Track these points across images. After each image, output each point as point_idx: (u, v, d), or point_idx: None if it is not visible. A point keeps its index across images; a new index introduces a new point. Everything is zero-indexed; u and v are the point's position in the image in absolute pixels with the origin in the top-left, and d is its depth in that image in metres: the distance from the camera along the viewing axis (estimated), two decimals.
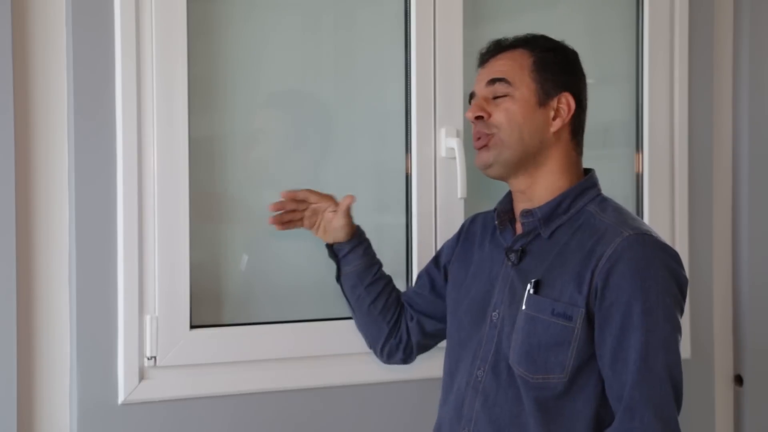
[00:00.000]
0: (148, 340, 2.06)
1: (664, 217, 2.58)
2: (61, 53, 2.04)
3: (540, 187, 1.86)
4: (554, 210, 1.84)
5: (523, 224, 1.87)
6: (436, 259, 2.15)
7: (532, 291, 1.80)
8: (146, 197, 2.06)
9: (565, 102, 1.85)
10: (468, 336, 1.93)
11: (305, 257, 2.30)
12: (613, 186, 2.57)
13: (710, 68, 2.68)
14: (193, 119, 2.11)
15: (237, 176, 2.21)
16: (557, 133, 1.85)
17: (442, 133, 2.32)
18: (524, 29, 2.49)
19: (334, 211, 2.08)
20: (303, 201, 2.08)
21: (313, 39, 2.34)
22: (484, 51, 1.94)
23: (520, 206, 1.90)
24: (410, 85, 2.31)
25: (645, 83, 2.57)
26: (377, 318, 2.12)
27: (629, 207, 2.54)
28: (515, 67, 1.86)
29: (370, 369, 2.26)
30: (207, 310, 2.16)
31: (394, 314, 2.13)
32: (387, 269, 2.29)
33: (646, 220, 2.55)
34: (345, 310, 2.28)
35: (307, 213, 2.09)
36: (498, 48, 1.91)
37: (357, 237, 2.12)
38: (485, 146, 1.86)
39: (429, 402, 2.32)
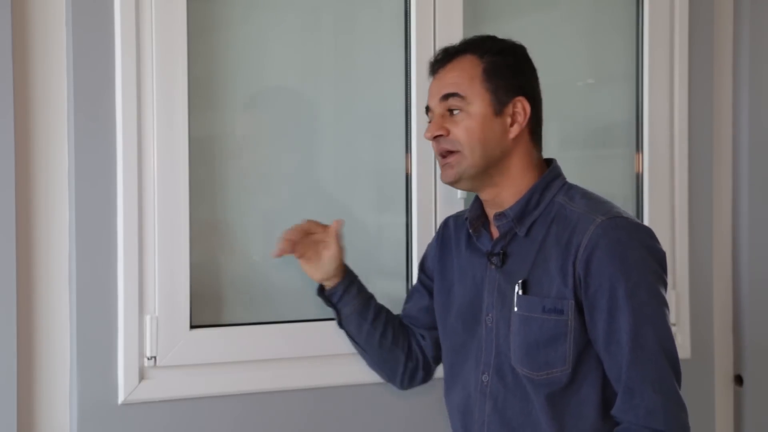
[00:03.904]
0: (148, 340, 2.06)
1: (664, 217, 2.58)
2: (61, 53, 2.04)
3: (507, 193, 1.88)
4: (525, 207, 1.86)
5: (498, 227, 1.89)
6: (422, 267, 2.16)
7: (520, 292, 1.82)
8: (146, 197, 2.06)
9: (521, 107, 1.85)
10: (462, 342, 1.95)
11: None
12: (613, 186, 2.58)
13: (710, 68, 2.68)
14: (193, 119, 2.11)
15: (237, 176, 2.21)
16: (516, 137, 1.86)
17: None
18: (524, 29, 2.50)
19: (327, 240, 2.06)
20: (307, 231, 2.06)
21: (313, 39, 2.34)
22: (433, 61, 1.94)
23: (491, 211, 1.92)
24: (410, 85, 2.31)
25: (645, 83, 2.57)
26: (391, 348, 2.10)
27: (629, 207, 2.54)
28: (466, 78, 1.85)
29: (370, 369, 2.26)
30: (207, 310, 2.16)
31: (405, 338, 2.13)
32: (387, 269, 2.30)
33: (645, 220, 2.56)
34: None
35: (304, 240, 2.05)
36: (446, 56, 1.90)
37: (347, 275, 2.10)
38: (449, 163, 1.87)
39: (428, 402, 2.32)
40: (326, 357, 2.23)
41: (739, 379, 2.78)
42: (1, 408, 1.96)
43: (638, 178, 2.59)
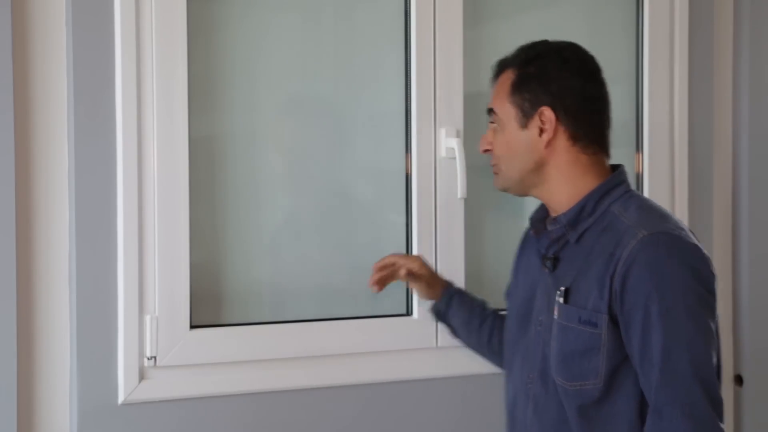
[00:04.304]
0: (148, 340, 2.06)
1: None
2: (61, 53, 2.04)
3: (559, 198, 1.86)
4: (579, 214, 1.83)
5: (550, 231, 1.88)
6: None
7: (561, 300, 1.81)
8: (146, 197, 2.06)
9: (547, 117, 1.83)
10: (516, 340, 1.96)
11: (305, 257, 2.30)
12: None
13: (710, 68, 2.68)
14: (193, 119, 2.11)
15: (237, 176, 2.21)
16: (550, 146, 1.84)
17: (442, 133, 2.32)
18: (524, 29, 2.50)
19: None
20: (392, 265, 2.13)
21: (313, 39, 2.33)
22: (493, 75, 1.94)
23: (551, 214, 1.91)
24: (410, 85, 2.31)
25: (645, 83, 2.57)
26: (500, 350, 2.11)
27: None
28: (500, 93, 1.87)
29: (371, 369, 2.26)
30: (207, 310, 2.16)
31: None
32: None
33: None
34: (345, 310, 2.29)
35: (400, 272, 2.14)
36: (497, 69, 1.92)
37: (445, 293, 2.18)
38: (496, 174, 1.92)
39: (428, 402, 2.32)
40: (326, 357, 2.23)
41: (739, 379, 2.78)
42: (1, 408, 1.96)
43: (638, 178, 2.59)
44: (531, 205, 2.47)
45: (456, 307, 2.17)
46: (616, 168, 1.89)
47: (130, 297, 2.04)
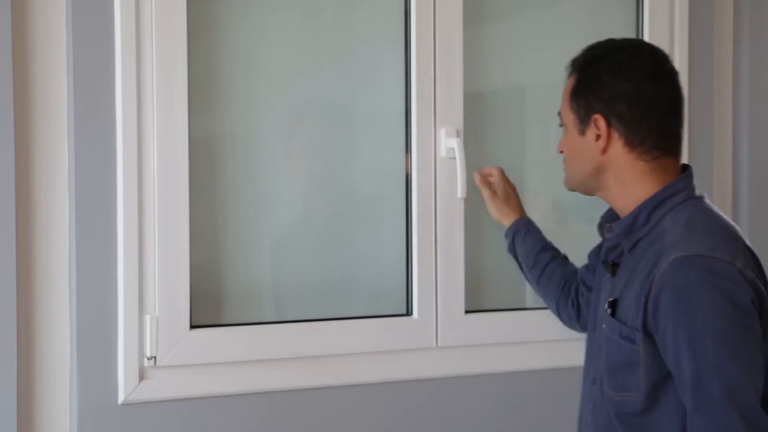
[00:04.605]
0: (148, 340, 2.06)
1: None
2: (61, 53, 2.04)
3: (621, 203, 1.85)
4: (632, 224, 1.81)
5: (607, 239, 1.88)
6: (598, 250, 2.13)
7: (609, 312, 1.81)
8: (146, 197, 2.06)
9: (601, 125, 1.81)
10: (588, 341, 1.98)
11: (305, 257, 2.30)
12: None
13: (710, 68, 2.68)
14: (193, 119, 2.11)
15: (237, 176, 2.21)
16: (606, 153, 1.82)
17: (442, 133, 2.31)
18: (524, 29, 2.50)
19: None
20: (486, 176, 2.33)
21: (313, 39, 2.33)
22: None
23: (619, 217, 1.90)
24: (410, 85, 2.31)
25: None
26: (546, 290, 2.26)
27: None
28: (564, 99, 1.89)
29: (371, 369, 2.26)
30: (207, 310, 2.16)
31: (560, 287, 2.23)
32: (386, 270, 2.30)
33: None
34: (345, 310, 2.29)
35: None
36: (568, 71, 1.92)
37: (515, 223, 2.29)
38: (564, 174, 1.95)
39: (428, 402, 2.32)
40: (326, 357, 2.23)
41: None
42: (1, 408, 1.96)
43: None
44: (530, 205, 2.48)
45: (519, 242, 2.28)
46: (685, 170, 1.85)
47: (130, 297, 2.04)
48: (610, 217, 1.93)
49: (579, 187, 1.92)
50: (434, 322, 2.31)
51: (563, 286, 2.23)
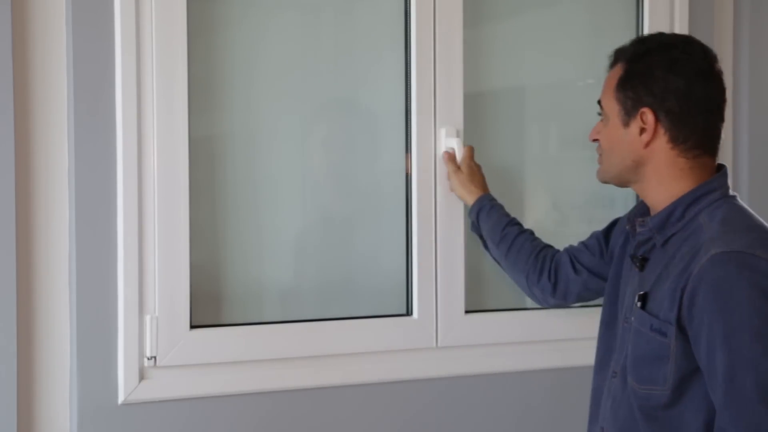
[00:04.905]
0: (148, 340, 2.06)
1: None
2: (61, 53, 2.04)
3: (656, 197, 1.85)
4: (666, 219, 1.82)
5: (639, 233, 1.88)
6: (607, 234, 2.17)
7: (639, 305, 1.81)
8: (146, 197, 2.06)
9: (647, 119, 1.81)
10: (604, 333, 1.98)
11: (305, 257, 2.30)
12: (613, 186, 2.57)
13: None
14: (193, 119, 2.11)
15: (237, 176, 2.21)
16: (649, 147, 1.82)
17: (442, 133, 2.31)
18: (524, 29, 2.50)
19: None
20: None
21: (313, 39, 2.33)
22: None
23: (650, 212, 1.90)
24: (410, 85, 2.31)
25: None
26: (516, 259, 2.27)
27: (629, 207, 2.53)
28: (607, 87, 1.87)
29: (371, 369, 2.26)
30: (207, 310, 2.16)
31: (529, 260, 2.25)
32: (386, 270, 2.30)
33: None
34: (345, 310, 2.29)
35: None
36: (612, 59, 1.90)
37: (478, 202, 2.28)
38: (599, 165, 1.93)
39: (428, 402, 2.32)
40: (326, 357, 2.23)
41: None
42: (1, 408, 1.96)
43: None
44: (530, 205, 2.48)
45: (483, 220, 2.28)
46: (720, 169, 1.85)
47: (130, 297, 2.04)
48: (641, 211, 1.93)
49: (614, 179, 1.91)
50: (434, 322, 2.31)
51: (533, 260, 2.25)
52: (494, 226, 2.28)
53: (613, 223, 2.18)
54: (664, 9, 2.58)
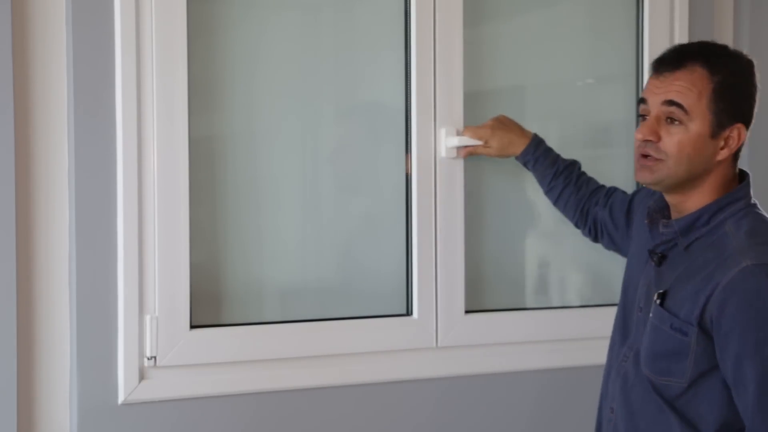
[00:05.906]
0: (148, 340, 2.06)
1: None
2: (61, 53, 2.04)
3: (690, 203, 1.86)
4: (693, 224, 1.84)
5: (662, 233, 1.89)
6: (632, 200, 2.20)
7: (658, 302, 1.83)
8: (146, 197, 2.06)
9: (737, 133, 1.81)
10: (620, 315, 2.00)
11: (305, 257, 2.30)
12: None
13: None
14: (193, 119, 2.11)
15: (237, 176, 2.21)
16: (722, 159, 1.83)
17: (442, 133, 2.32)
18: (524, 29, 2.50)
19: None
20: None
21: (313, 39, 2.33)
22: (662, 58, 1.87)
23: (672, 212, 1.91)
24: (410, 85, 2.31)
25: (645, 83, 2.57)
26: (565, 210, 2.36)
27: None
28: (694, 94, 1.80)
29: (371, 369, 2.26)
30: (207, 310, 2.16)
31: (576, 213, 2.33)
32: (386, 270, 2.30)
33: None
34: (345, 310, 2.29)
35: None
36: (678, 59, 1.84)
37: (523, 153, 2.33)
38: (648, 167, 1.84)
39: (428, 402, 2.32)
40: (326, 357, 2.23)
41: None
42: (1, 408, 1.96)
43: None
44: (530, 205, 2.48)
45: (532, 167, 2.34)
46: (743, 177, 1.88)
47: (130, 297, 2.04)
48: (660, 206, 1.94)
49: (671, 184, 1.85)
50: (434, 322, 2.31)
51: (579, 212, 2.34)
52: (541, 180, 2.36)
53: (632, 198, 2.21)
54: (664, 9, 2.58)
